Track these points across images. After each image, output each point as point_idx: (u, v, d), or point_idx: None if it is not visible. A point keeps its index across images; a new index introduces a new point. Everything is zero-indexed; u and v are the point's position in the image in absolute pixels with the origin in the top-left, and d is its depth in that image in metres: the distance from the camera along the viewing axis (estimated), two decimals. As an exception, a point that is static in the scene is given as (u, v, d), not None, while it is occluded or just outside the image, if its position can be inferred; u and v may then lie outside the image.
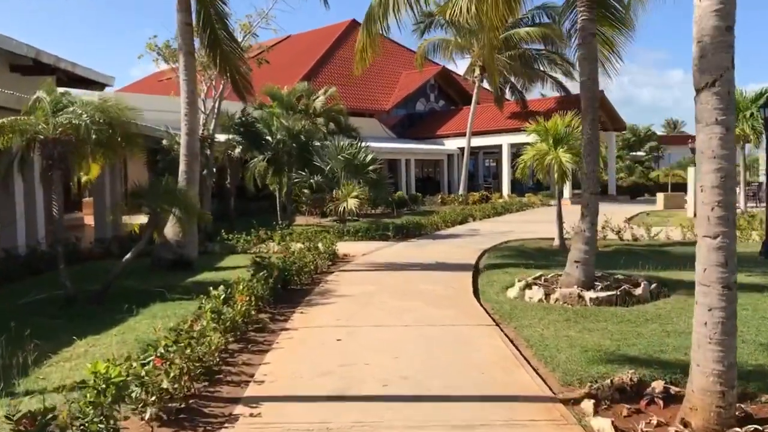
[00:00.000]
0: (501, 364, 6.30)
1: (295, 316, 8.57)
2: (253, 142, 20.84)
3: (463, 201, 32.01)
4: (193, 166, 12.52)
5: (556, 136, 15.79)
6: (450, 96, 45.79)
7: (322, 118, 28.15)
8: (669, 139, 70.28)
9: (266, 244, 15.48)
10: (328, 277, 11.76)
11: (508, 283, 10.72)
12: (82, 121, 9.11)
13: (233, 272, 11.65)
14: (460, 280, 11.32)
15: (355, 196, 18.13)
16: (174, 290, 10.24)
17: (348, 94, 38.42)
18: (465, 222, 23.80)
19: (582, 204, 9.80)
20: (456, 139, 39.66)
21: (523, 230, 20.42)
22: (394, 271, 12.44)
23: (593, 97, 9.66)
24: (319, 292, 10.30)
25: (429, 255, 14.85)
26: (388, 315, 8.53)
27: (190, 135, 12.49)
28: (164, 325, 7.56)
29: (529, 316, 8.25)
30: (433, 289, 10.35)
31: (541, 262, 13.22)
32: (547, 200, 33.98)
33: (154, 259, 12.30)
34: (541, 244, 16.49)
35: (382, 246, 16.75)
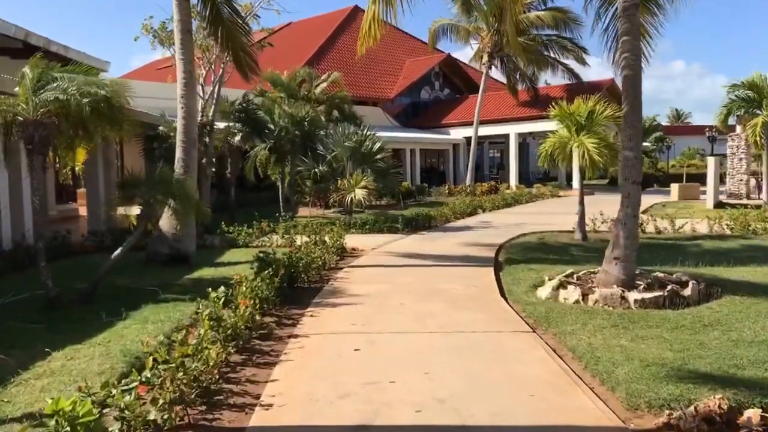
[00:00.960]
0: (551, 382, 5.35)
1: (304, 319, 7.62)
2: (255, 130, 19.83)
3: (471, 192, 31.02)
4: (190, 153, 11.54)
5: (580, 122, 14.80)
6: (455, 84, 44.72)
7: (325, 105, 27.19)
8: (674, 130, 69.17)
9: (269, 237, 14.51)
10: (337, 274, 10.81)
11: (536, 281, 9.78)
12: (70, 96, 8.12)
13: (234, 268, 10.71)
14: (481, 277, 10.37)
15: (363, 187, 17.12)
16: (169, 289, 9.29)
17: (351, 81, 37.38)
18: (475, 214, 22.84)
19: (622, 194, 8.83)
20: (462, 129, 38.63)
21: (537, 222, 19.46)
22: (407, 267, 11.48)
23: (635, 75, 8.67)
24: (329, 291, 9.35)
25: (442, 249, 13.90)
26: (409, 319, 7.58)
27: (188, 119, 11.50)
28: (156, 331, 6.64)
29: (569, 321, 7.29)
30: (453, 288, 9.40)
31: (565, 257, 12.27)
32: (556, 191, 33.04)
33: (149, 253, 11.34)
34: (561, 238, 15.52)
35: (392, 239, 15.78)
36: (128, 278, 10.05)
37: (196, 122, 11.77)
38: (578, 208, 15.16)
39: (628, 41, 8.57)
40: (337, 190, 20.37)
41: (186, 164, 11.43)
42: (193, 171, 11.58)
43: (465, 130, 38.02)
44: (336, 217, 20.91)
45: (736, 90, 23.48)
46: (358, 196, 16.97)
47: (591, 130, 14.90)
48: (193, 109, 11.53)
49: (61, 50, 17.83)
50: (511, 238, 15.76)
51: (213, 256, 12.65)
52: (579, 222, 15.02)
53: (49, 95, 8.16)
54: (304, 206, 24.37)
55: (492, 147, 49.16)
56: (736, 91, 23.50)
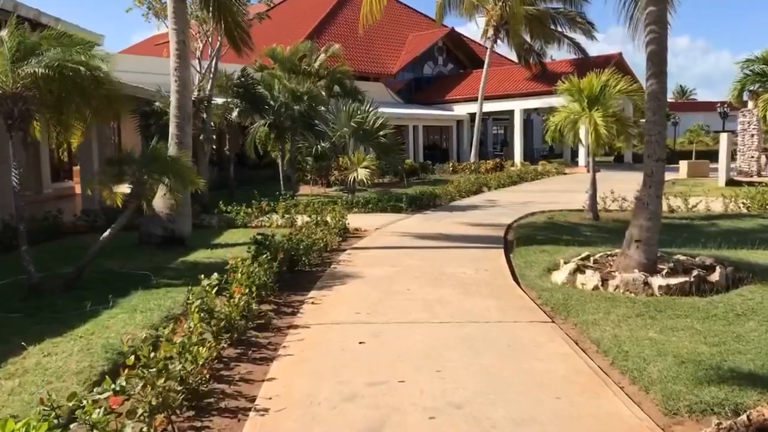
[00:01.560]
0: (577, 382, 4.83)
1: (305, 307, 7.10)
2: (254, 105, 19.19)
3: (475, 169, 30.37)
4: (185, 129, 10.95)
5: (591, 97, 14.16)
6: (459, 59, 43.79)
7: (326, 80, 26.46)
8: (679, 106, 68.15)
9: (269, 216, 13.97)
10: (340, 257, 10.28)
11: (550, 264, 9.24)
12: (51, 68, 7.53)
13: (231, 251, 10.19)
14: (491, 260, 9.84)
15: (366, 166, 16.51)
16: (162, 273, 8.77)
17: (353, 56, 36.52)
18: (480, 192, 22.27)
19: (645, 172, 8.24)
20: (465, 105, 37.84)
21: (544, 200, 18.90)
22: (413, 249, 10.95)
23: (661, 45, 8.03)
24: (331, 275, 8.82)
25: (449, 229, 13.35)
26: (417, 307, 7.05)
27: (181, 93, 10.89)
28: (144, 322, 6.14)
29: (590, 309, 6.76)
30: (463, 272, 8.87)
31: (578, 237, 11.71)
32: (561, 168, 32.43)
33: (142, 235, 10.81)
34: (571, 217, 14.96)
35: (396, 219, 15.24)
36: (119, 261, 9.52)
37: (191, 96, 11.16)
38: (589, 187, 14.56)
39: (653, 6, 7.93)
40: (339, 168, 19.81)
41: (180, 140, 10.84)
42: (188, 148, 10.99)
43: (469, 106, 37.23)
44: (338, 195, 20.35)
45: (750, 65, 22.72)
46: (361, 176, 16.39)
47: (603, 105, 14.30)
48: (186, 82, 10.91)
49: (51, 22, 17.16)
50: (520, 217, 15.21)
51: (210, 237, 12.12)
52: (590, 201, 14.45)
53: (28, 68, 7.57)
54: (305, 184, 23.82)
55: (495, 123, 48.37)
56: (750, 66, 22.74)
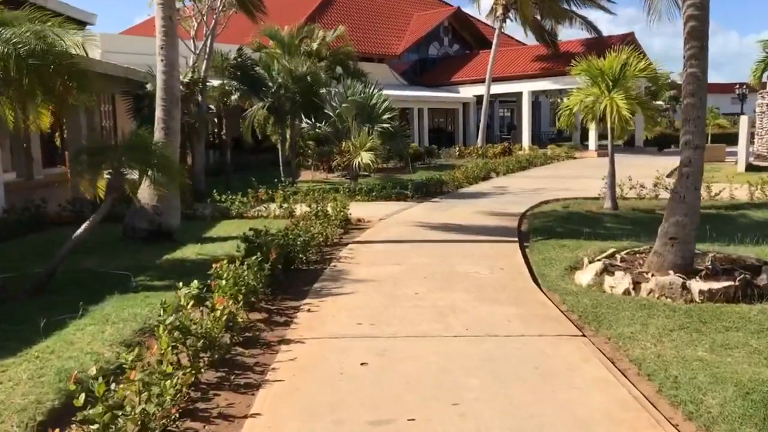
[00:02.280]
0: (624, 420, 4.00)
1: (300, 316, 6.27)
2: (251, 87, 18.27)
3: (482, 154, 29.45)
4: (172, 113, 10.07)
5: (611, 78, 13.22)
6: (465, 40, 42.62)
7: (328, 61, 25.47)
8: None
9: (266, 206, 13.11)
10: (340, 252, 9.45)
11: (572, 262, 8.41)
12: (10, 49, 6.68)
13: (223, 245, 9.38)
14: (507, 256, 8.99)
15: (370, 149, 15.62)
16: (144, 272, 7.96)
17: (356, 37, 35.43)
18: (488, 178, 21.39)
19: (681, 161, 7.37)
20: (472, 86, 36.80)
21: (556, 187, 18.02)
22: (420, 243, 10.10)
23: (702, 20, 7.10)
24: (330, 275, 7.98)
25: (458, 219, 12.50)
26: (427, 315, 6.22)
27: (168, 73, 9.99)
28: (114, 336, 5.34)
29: (624, 320, 5.93)
30: (476, 271, 8.03)
31: (599, 230, 10.85)
32: (571, 152, 31.44)
33: (126, 229, 9.99)
34: (587, 205, 14.09)
35: (401, 208, 14.38)
36: (98, 259, 8.71)
37: (178, 77, 10.28)
38: (608, 174, 13.66)
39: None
40: (341, 153, 18.91)
41: (167, 126, 9.98)
42: (176, 133, 10.13)
43: (476, 88, 36.20)
44: (340, 181, 19.50)
45: (772, 43, 21.68)
46: (365, 160, 15.50)
47: (623, 86, 13.37)
48: (174, 62, 10.02)
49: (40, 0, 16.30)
50: (532, 206, 14.35)
51: (201, 229, 11.30)
52: (609, 189, 13.56)
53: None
54: (306, 169, 22.96)
55: (502, 106, 47.29)
56: (773, 45, 21.70)
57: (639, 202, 14.82)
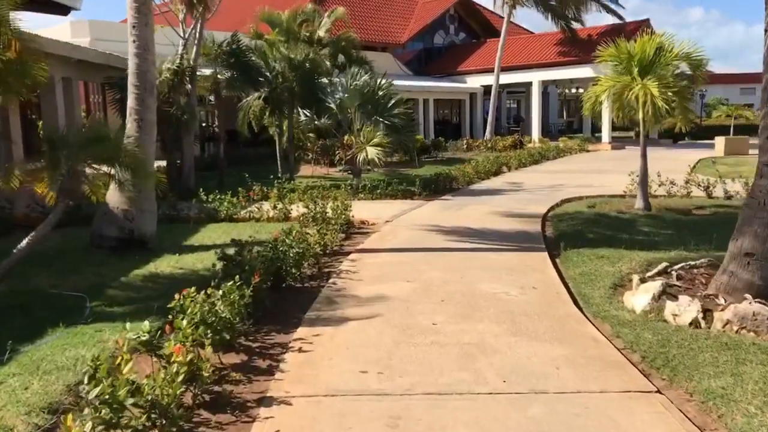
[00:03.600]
0: None
1: (288, 358, 4.93)
2: (246, 76, 16.87)
3: (492, 147, 28.06)
4: (146, 102, 8.68)
5: (644, 64, 11.83)
6: (471, 28, 41.07)
7: (330, 49, 24.07)
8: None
9: (259, 206, 11.74)
10: (341, 264, 8.09)
11: (616, 278, 7.07)
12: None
13: (205, 256, 8.05)
14: (537, 270, 7.64)
15: (377, 144, 14.23)
16: (104, 294, 6.62)
17: (359, 25, 34.02)
18: (500, 173, 20.03)
19: (760, 160, 6.00)
20: (479, 76, 35.33)
21: (575, 183, 16.66)
22: (434, 252, 8.75)
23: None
24: (328, 296, 6.63)
25: (473, 221, 11.16)
26: (451, 359, 4.87)
27: (141, 55, 8.61)
28: (37, 399, 4.02)
29: (706, 366, 4.58)
30: (505, 292, 6.68)
31: (636, 236, 9.49)
32: (584, 145, 30.03)
33: (93, 237, 8.63)
34: (615, 205, 12.72)
35: (408, 207, 13.04)
36: (56, 274, 7.36)
37: (154, 60, 8.88)
38: (640, 170, 12.27)
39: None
40: (343, 147, 17.56)
41: (141, 117, 8.60)
42: (151, 125, 8.75)
43: (483, 78, 34.74)
44: (342, 177, 18.18)
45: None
46: (371, 155, 14.13)
47: (657, 73, 11.98)
48: (147, 42, 8.62)
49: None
50: (554, 205, 13.01)
51: (183, 234, 9.95)
52: (641, 187, 12.17)
53: None
54: (306, 164, 21.63)
55: (509, 97, 45.78)
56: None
57: (670, 200, 13.47)
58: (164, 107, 15.29)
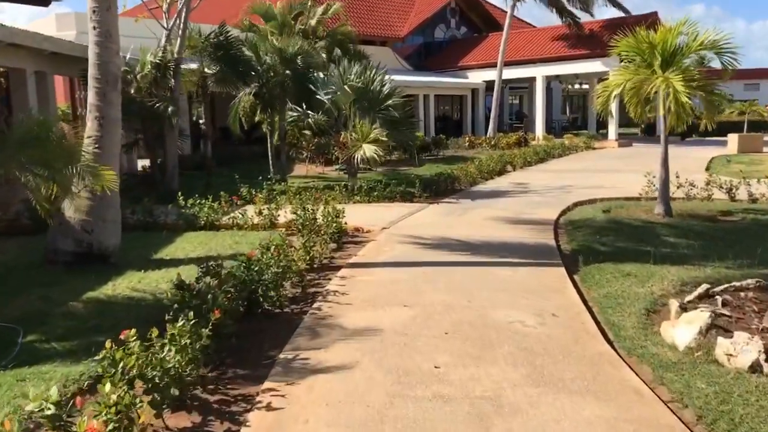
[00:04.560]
0: None
1: (252, 420, 3.89)
2: (235, 70, 15.83)
3: (495, 144, 26.99)
4: (109, 97, 7.63)
5: (666, 55, 10.79)
6: (473, 22, 39.95)
7: (326, 42, 23.02)
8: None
9: (243, 212, 10.67)
10: (329, 283, 7.05)
11: (647, 301, 6.07)
12: None
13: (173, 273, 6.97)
14: (556, 291, 6.60)
15: (374, 141, 13.17)
16: (46, 323, 5.59)
17: (357, 18, 32.96)
18: (504, 172, 18.97)
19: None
20: (481, 71, 34.24)
21: (585, 184, 15.61)
22: (436, 268, 7.72)
23: None
24: (310, 327, 5.58)
25: (478, 229, 10.13)
26: (459, 419, 3.84)
27: (103, 44, 7.56)
28: None
29: (787, 436, 3.56)
30: (521, 321, 5.64)
31: (662, 247, 8.45)
32: (590, 142, 28.92)
33: (48, 251, 7.59)
34: (632, 210, 11.70)
35: (408, 211, 12.01)
36: (-5, 297, 6.35)
37: (118, 51, 7.83)
38: (660, 172, 11.25)
39: None
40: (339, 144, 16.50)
41: (102, 114, 7.55)
42: (114, 123, 7.71)
43: (485, 73, 33.65)
44: (337, 177, 17.17)
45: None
46: (368, 154, 13.07)
47: (679, 65, 10.96)
48: (110, 28, 7.57)
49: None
50: (565, 209, 11.98)
51: (155, 245, 8.91)
52: (661, 190, 11.14)
53: None
54: (301, 162, 20.59)
55: (511, 93, 44.67)
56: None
57: (690, 204, 12.44)
58: (146, 103, 14.29)
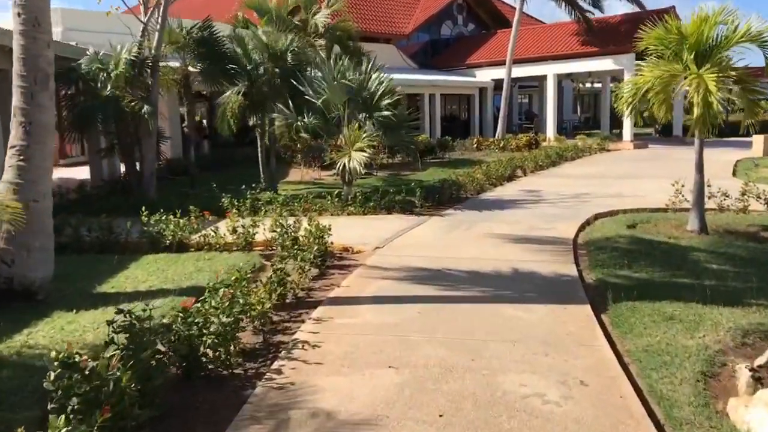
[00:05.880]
0: None
1: None
2: (220, 68, 14.50)
3: (504, 146, 25.58)
4: (38, 100, 6.29)
5: (700, 49, 9.39)
6: (481, 18, 38.48)
7: (325, 39, 21.69)
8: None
9: (215, 228, 9.28)
10: (300, 328, 5.70)
11: (701, 360, 4.76)
12: None
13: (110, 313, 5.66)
14: (582, 343, 5.22)
15: (361, 149, 11.84)
16: None
17: (360, 14, 31.61)
18: (514, 177, 17.57)
19: None
20: (490, 69, 32.81)
21: (603, 192, 14.22)
22: (435, 305, 6.34)
23: None
24: (259, 403, 4.19)
25: (484, 249, 8.77)
26: None
27: (29, 35, 6.23)
28: None
29: None
30: (541, 394, 4.26)
31: (707, 277, 7.07)
32: (604, 143, 27.45)
33: (-39, 285, 6.29)
34: (661, 225, 10.32)
35: (406, 225, 10.66)
36: None
37: (49, 42, 6.51)
38: (695, 183, 9.86)
39: None
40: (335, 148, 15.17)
41: (29, 119, 6.22)
42: (44, 131, 6.37)
43: (494, 71, 32.22)
44: (334, 183, 15.86)
45: None
46: (355, 162, 11.74)
47: (714, 60, 9.57)
48: (37, 14, 6.25)
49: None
50: (583, 224, 10.61)
51: (104, 271, 7.56)
52: (696, 201, 9.76)
53: None
54: (297, 166, 19.29)
55: (520, 92, 43.19)
56: None
57: (724, 217, 11.05)
58: (120, 104, 13.01)
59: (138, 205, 11.61)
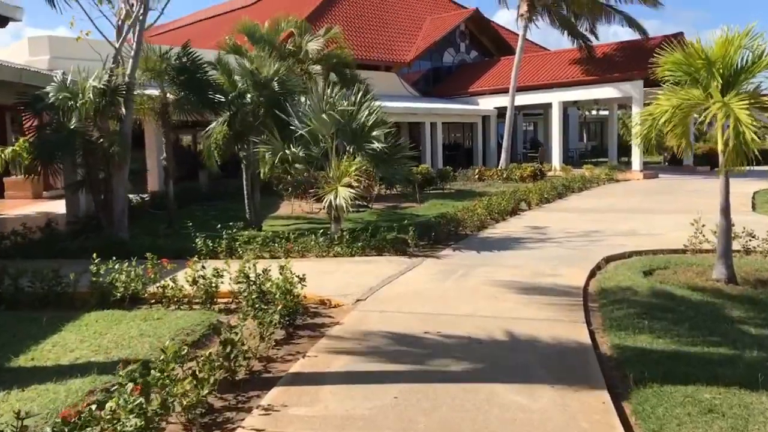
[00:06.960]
0: None
1: None
2: (201, 96, 13.53)
3: (507, 177, 24.54)
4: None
5: (729, 73, 8.33)
6: (484, 46, 37.76)
7: (320, 66, 20.83)
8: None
9: (174, 278, 8.11)
10: (249, 416, 4.55)
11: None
12: None
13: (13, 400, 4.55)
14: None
15: (349, 184, 10.79)
16: None
17: (360, 41, 30.99)
18: (518, 211, 16.46)
19: None
20: (493, 97, 31.95)
21: (615, 230, 13.09)
22: (417, 388, 5.17)
23: None
24: None
25: (481, 303, 7.62)
26: None
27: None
28: None
29: None
30: None
31: (746, 343, 5.90)
32: (612, 173, 26.38)
33: None
34: (681, 269, 9.18)
35: (395, 270, 9.53)
36: None
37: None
38: (720, 226, 8.71)
39: None
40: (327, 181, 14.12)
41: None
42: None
43: (497, 99, 31.34)
44: (325, 219, 14.75)
45: None
46: (341, 199, 10.68)
47: (739, 86, 8.53)
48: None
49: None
50: (594, 269, 9.47)
51: (26, 339, 6.40)
52: (723, 247, 8.59)
53: None
54: (289, 199, 18.27)
55: (524, 119, 42.31)
56: None
57: (752, 261, 9.91)
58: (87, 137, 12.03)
59: (106, 246, 10.55)
